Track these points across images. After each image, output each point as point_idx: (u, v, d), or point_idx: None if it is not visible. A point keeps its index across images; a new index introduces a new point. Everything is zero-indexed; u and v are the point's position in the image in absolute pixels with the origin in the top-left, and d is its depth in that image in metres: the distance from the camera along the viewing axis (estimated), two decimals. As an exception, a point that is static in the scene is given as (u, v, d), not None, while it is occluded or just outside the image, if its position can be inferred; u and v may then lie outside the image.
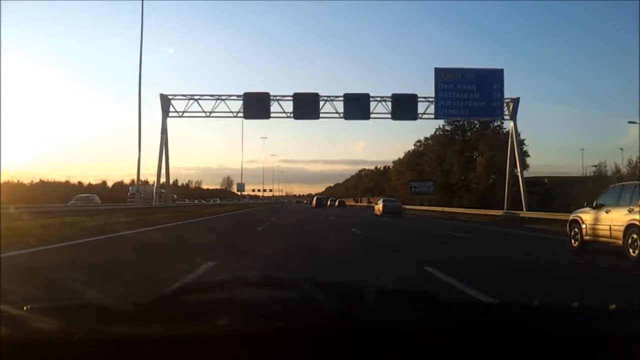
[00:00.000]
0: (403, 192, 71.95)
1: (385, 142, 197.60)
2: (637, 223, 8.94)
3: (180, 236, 13.93)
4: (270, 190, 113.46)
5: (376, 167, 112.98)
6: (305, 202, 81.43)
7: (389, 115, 32.37)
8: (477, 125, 62.89)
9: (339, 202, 70.91)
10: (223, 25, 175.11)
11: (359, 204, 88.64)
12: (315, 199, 71.99)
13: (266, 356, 0.78)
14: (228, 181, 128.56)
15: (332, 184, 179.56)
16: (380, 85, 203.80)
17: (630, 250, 9.02)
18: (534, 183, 44.90)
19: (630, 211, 9.29)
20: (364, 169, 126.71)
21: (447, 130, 65.08)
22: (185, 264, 7.16)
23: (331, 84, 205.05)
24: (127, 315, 0.87)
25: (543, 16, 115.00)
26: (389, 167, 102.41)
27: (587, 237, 10.60)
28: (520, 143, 57.40)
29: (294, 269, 7.21)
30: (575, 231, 11.10)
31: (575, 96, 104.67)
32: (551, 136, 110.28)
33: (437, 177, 58.19)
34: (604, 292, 6.04)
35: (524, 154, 56.86)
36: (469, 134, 64.15)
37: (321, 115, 32.53)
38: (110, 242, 11.44)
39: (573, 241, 11.16)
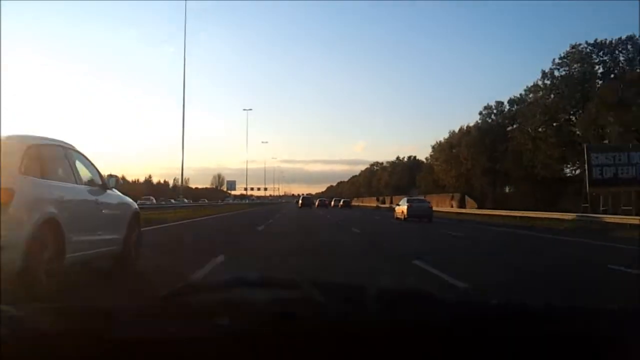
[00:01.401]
0: (451, 185, 51.10)
1: (385, 142, 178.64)
2: None
3: None
4: (265, 189, 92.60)
5: (398, 158, 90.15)
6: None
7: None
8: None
9: (343, 201, 61.31)
10: None
11: (392, 205, 62.37)
12: (301, 198, 61.88)
13: (266, 356, 0.79)
14: (219, 179, 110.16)
15: (334, 183, 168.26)
16: None
17: None
18: None
19: None
20: (377, 162, 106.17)
21: (573, 67, 35.27)
22: None
23: None
24: (127, 316, 0.87)
25: None
26: (414, 157, 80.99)
27: None
28: None
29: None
30: None
31: None
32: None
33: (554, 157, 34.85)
34: None
35: None
36: (618, 69, 34.06)
37: None
38: None
39: None
